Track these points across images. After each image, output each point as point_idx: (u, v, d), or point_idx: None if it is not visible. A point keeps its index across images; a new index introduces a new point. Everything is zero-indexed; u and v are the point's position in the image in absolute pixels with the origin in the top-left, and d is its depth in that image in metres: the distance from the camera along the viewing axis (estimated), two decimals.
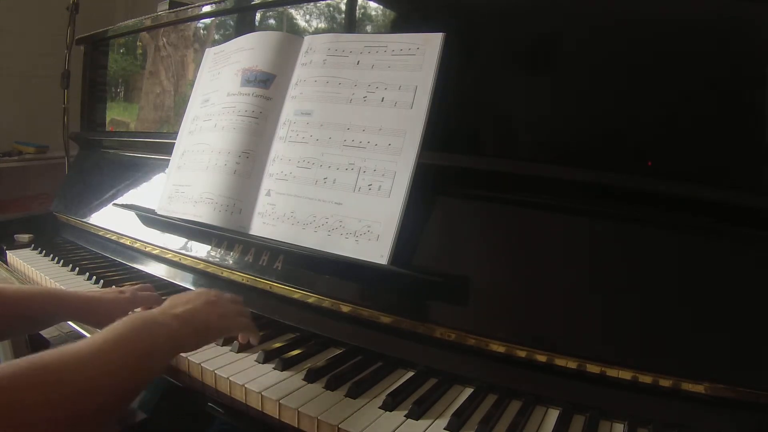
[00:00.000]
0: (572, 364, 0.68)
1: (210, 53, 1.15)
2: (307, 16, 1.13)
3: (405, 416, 0.65)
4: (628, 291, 0.68)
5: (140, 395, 0.87)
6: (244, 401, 0.71)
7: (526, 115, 0.85)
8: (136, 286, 0.95)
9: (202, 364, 0.75)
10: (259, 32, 1.07)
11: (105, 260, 1.27)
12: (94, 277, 1.13)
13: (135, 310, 0.95)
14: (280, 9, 1.17)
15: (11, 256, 1.31)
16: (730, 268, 0.65)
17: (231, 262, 0.98)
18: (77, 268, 1.18)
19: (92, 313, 0.85)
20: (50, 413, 0.47)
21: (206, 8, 1.28)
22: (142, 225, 1.18)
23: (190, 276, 1.07)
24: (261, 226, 0.93)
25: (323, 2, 1.09)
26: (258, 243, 0.94)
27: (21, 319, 0.80)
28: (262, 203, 0.94)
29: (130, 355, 0.56)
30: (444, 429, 0.63)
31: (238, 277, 0.96)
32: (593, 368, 0.67)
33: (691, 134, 0.73)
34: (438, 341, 0.76)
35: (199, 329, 0.67)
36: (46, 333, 1.09)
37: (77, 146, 1.69)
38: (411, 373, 0.77)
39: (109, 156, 1.50)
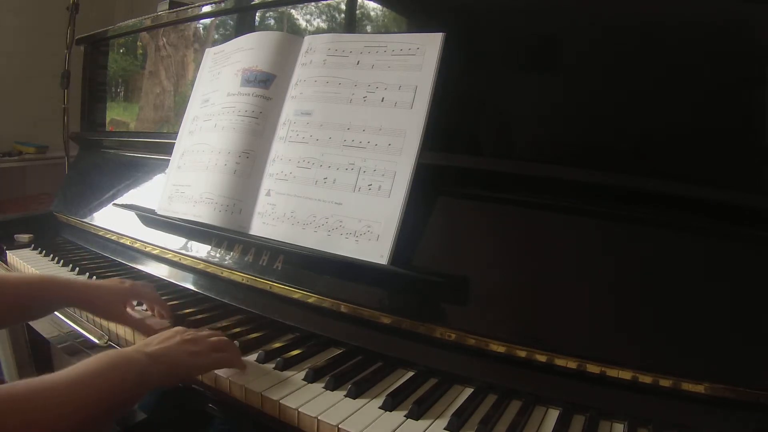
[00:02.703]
0: (572, 364, 0.68)
1: (210, 53, 1.15)
2: (307, 16, 1.13)
3: (405, 416, 0.65)
4: (628, 291, 0.68)
5: None
6: (244, 401, 0.71)
7: (526, 115, 0.85)
8: (138, 282, 0.95)
9: None
10: (259, 32, 1.07)
11: (105, 260, 1.27)
12: (94, 277, 1.13)
13: (133, 303, 0.96)
14: (280, 9, 1.17)
15: (11, 256, 1.32)
16: (730, 268, 0.65)
17: (231, 262, 0.98)
18: (77, 268, 1.18)
19: (91, 300, 0.86)
20: None
21: (206, 8, 1.28)
22: (142, 225, 1.18)
23: (190, 276, 1.07)
24: (261, 226, 0.93)
25: (323, 2, 1.09)
26: (258, 243, 0.94)
27: (20, 306, 0.81)
28: (262, 203, 0.94)
29: (100, 390, 0.59)
30: (444, 429, 0.63)
31: (238, 277, 0.96)
32: (593, 368, 0.66)
33: (692, 134, 0.73)
34: (438, 341, 0.75)
35: (170, 368, 0.68)
36: (45, 333, 1.09)
37: (77, 146, 1.69)
38: (411, 373, 0.77)
39: (109, 156, 1.50)
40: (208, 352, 0.72)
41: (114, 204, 1.27)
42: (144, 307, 0.97)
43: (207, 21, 1.35)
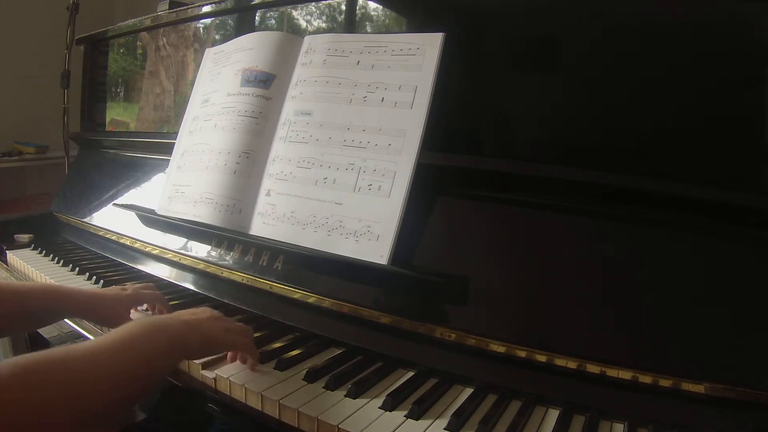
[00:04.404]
0: (572, 364, 0.68)
1: (210, 53, 1.15)
2: (308, 16, 1.13)
3: (405, 416, 0.65)
4: (628, 291, 0.68)
5: None
6: (244, 401, 0.71)
7: (526, 114, 0.85)
8: (138, 285, 0.95)
9: (201, 365, 0.75)
10: (259, 32, 1.07)
11: (105, 260, 1.27)
12: (94, 277, 1.13)
13: (140, 308, 0.96)
14: (280, 9, 1.17)
15: (11, 256, 1.31)
16: (730, 268, 0.65)
17: (231, 262, 0.98)
18: (77, 268, 1.18)
19: (94, 309, 0.86)
20: (60, 408, 0.48)
21: (206, 8, 1.28)
22: (142, 225, 1.18)
23: (190, 276, 1.07)
24: (261, 226, 0.93)
25: (323, 2, 1.09)
26: (258, 243, 0.94)
27: (23, 316, 0.81)
28: (262, 203, 0.94)
29: (138, 355, 0.58)
30: (444, 429, 0.63)
31: (238, 277, 0.96)
32: (593, 368, 0.66)
33: (692, 134, 0.73)
34: (438, 341, 0.75)
35: (205, 337, 0.69)
36: (45, 333, 1.09)
37: (77, 146, 1.69)
38: (411, 373, 0.77)
39: (109, 156, 1.50)
40: (237, 332, 0.74)
41: (114, 204, 1.27)
42: (145, 306, 0.97)
43: (207, 21, 1.35)
